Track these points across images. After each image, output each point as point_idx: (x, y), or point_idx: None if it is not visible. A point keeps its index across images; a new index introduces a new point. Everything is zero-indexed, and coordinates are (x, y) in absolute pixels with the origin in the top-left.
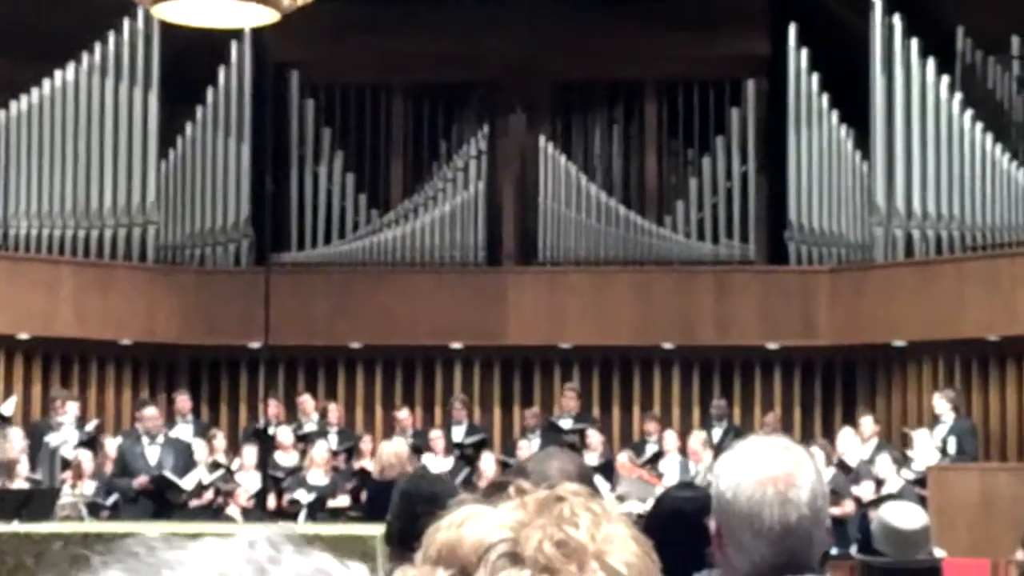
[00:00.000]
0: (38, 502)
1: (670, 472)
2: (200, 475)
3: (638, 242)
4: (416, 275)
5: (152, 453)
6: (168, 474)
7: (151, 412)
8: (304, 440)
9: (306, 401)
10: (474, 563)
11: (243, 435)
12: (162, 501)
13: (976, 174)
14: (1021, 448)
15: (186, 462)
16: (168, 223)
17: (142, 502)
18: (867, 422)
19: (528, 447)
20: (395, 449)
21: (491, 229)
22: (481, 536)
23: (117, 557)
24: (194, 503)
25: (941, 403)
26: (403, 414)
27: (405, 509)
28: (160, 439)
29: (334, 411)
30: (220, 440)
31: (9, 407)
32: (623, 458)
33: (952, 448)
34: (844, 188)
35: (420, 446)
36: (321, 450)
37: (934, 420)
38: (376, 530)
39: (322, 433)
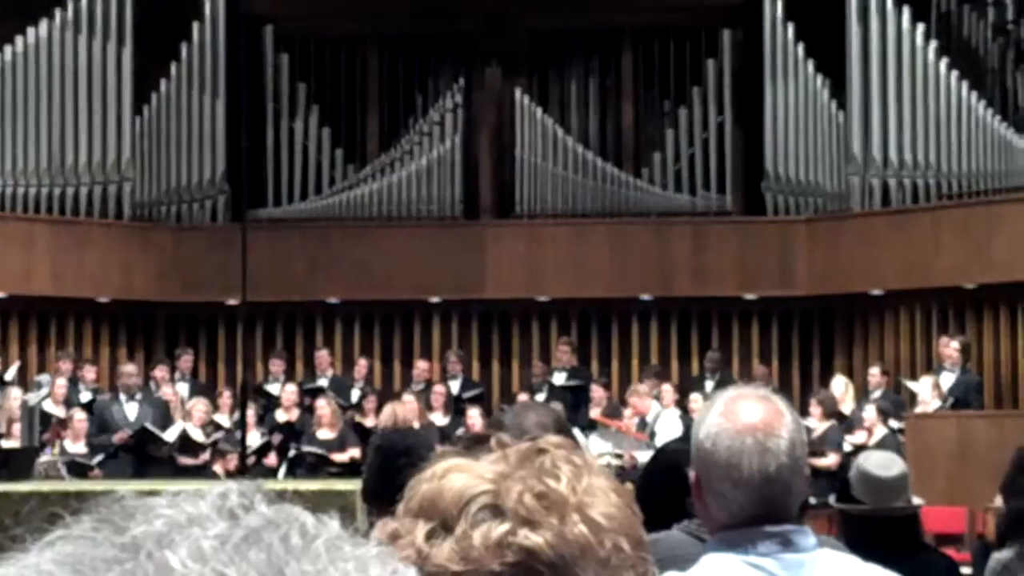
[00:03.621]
0: (16, 461)
1: (667, 426)
2: (180, 429)
3: (615, 194)
4: (393, 230)
5: (131, 410)
6: (149, 426)
7: (129, 369)
8: (312, 395)
9: (323, 356)
10: (455, 515)
11: (245, 392)
12: (143, 456)
13: (952, 122)
14: (998, 395)
15: (164, 419)
16: (144, 180)
17: (122, 457)
18: (874, 372)
19: None
20: (395, 408)
21: (468, 183)
22: (462, 488)
23: (88, 510)
24: (188, 461)
25: (952, 350)
26: (423, 364)
27: (380, 464)
28: (138, 396)
29: (362, 365)
30: (226, 398)
31: (11, 373)
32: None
33: (958, 395)
34: (820, 138)
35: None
36: (326, 406)
37: (937, 367)
38: (355, 484)
39: (344, 387)
